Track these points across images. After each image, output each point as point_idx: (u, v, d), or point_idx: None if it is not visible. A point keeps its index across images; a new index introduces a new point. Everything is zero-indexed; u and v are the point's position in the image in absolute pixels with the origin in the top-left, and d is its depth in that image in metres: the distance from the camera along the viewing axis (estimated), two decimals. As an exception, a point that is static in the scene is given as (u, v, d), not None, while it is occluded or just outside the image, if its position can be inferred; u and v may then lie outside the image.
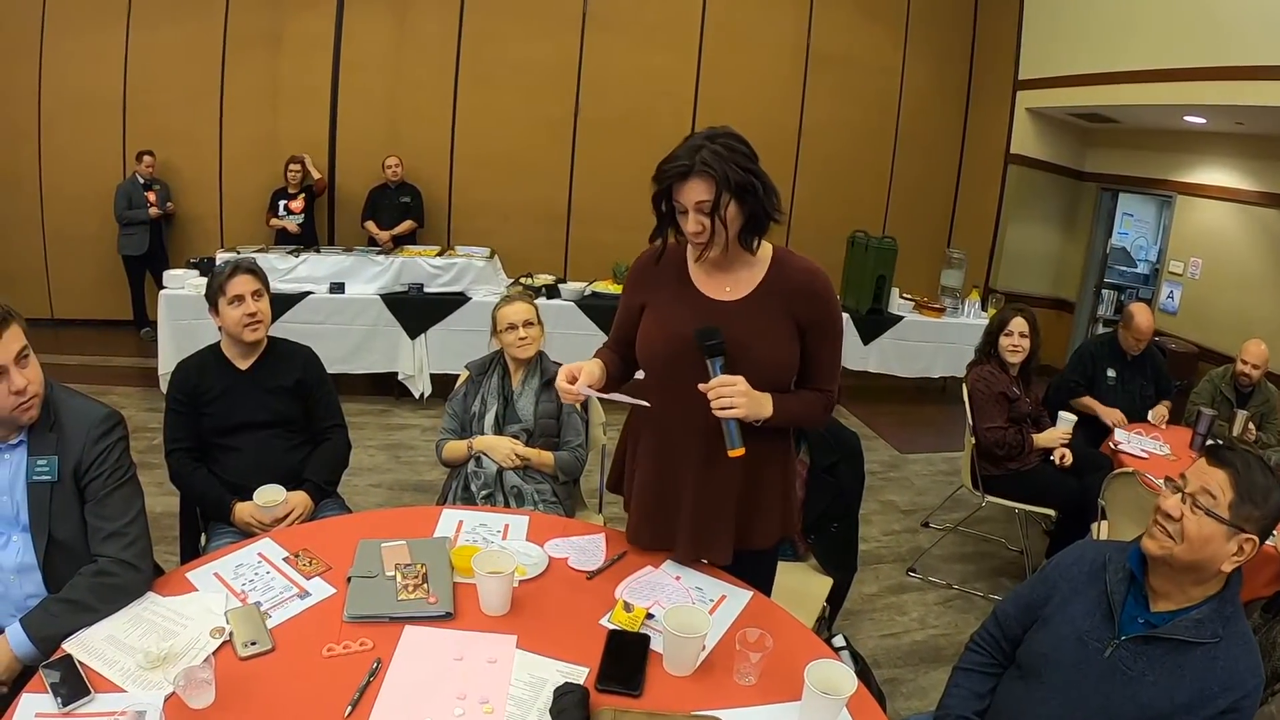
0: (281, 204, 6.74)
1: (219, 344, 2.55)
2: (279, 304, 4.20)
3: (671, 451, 1.87)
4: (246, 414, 2.48)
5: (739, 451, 1.71)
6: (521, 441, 2.72)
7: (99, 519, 1.71)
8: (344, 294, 5.45)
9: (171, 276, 5.38)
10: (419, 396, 5.64)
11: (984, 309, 6.55)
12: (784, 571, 2.16)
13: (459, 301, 5.58)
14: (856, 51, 7.93)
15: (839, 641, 2.39)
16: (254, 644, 1.53)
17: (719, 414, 1.68)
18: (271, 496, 2.32)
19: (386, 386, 5.75)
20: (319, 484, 2.50)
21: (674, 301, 1.84)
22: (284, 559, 1.86)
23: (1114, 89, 6.52)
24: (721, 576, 1.92)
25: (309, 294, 5.36)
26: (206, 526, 2.51)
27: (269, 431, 2.51)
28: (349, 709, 1.39)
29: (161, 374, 5.14)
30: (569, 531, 2.09)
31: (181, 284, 5.25)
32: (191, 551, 2.53)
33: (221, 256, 5.34)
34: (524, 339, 2.74)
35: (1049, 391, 4.47)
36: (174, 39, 6.77)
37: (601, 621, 1.70)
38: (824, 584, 2.63)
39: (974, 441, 3.67)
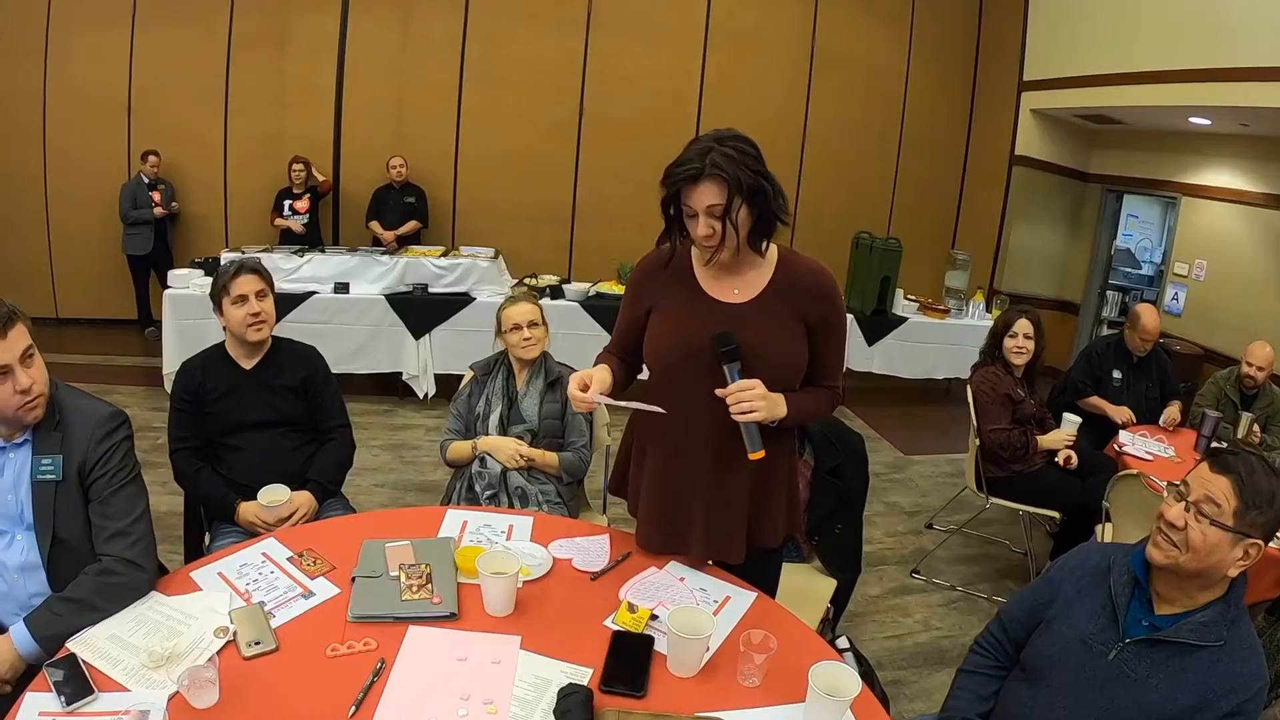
0: (286, 204, 6.75)
1: (223, 344, 2.55)
2: (283, 304, 4.20)
3: (682, 455, 1.85)
4: (251, 414, 2.48)
5: (759, 454, 1.71)
6: (526, 442, 2.72)
7: (103, 518, 1.71)
8: (348, 294, 5.46)
9: (176, 276, 5.38)
10: (423, 397, 5.64)
11: (988, 310, 6.53)
12: (788, 573, 2.16)
13: (463, 302, 5.59)
14: (861, 52, 7.93)
15: (843, 643, 2.38)
16: (258, 644, 1.53)
17: (739, 419, 1.68)
18: (276, 496, 2.33)
19: (391, 386, 5.76)
20: (323, 484, 2.51)
21: (682, 305, 1.82)
22: (288, 559, 1.86)
23: (1119, 90, 6.50)
24: (726, 578, 1.92)
25: (313, 294, 5.37)
26: (210, 526, 2.51)
27: (273, 431, 2.51)
28: (353, 709, 1.39)
29: (166, 373, 5.15)
30: (573, 532, 2.09)
31: (186, 284, 5.26)
32: (195, 551, 2.54)
33: (226, 256, 5.35)
34: (528, 339, 2.74)
35: (1054, 393, 4.47)
36: (179, 39, 6.79)
37: (606, 622, 1.70)
38: (828, 585, 2.63)
39: (978, 443, 3.67)
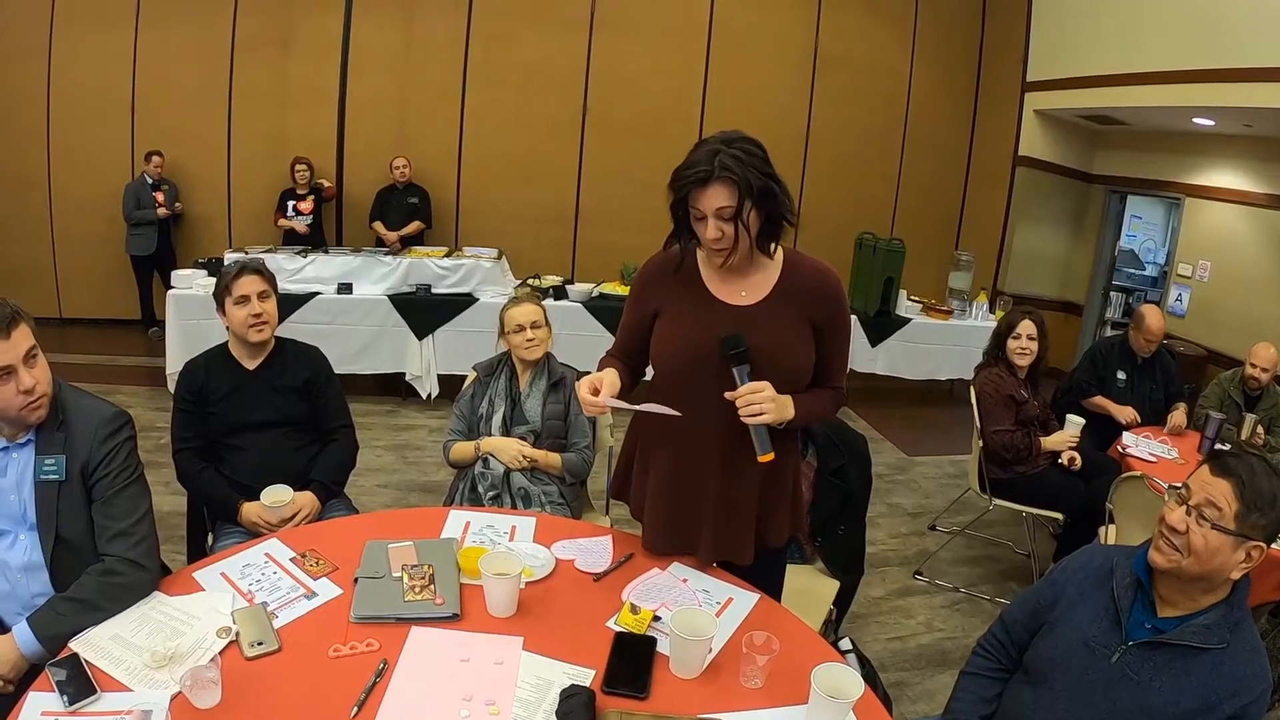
0: (290, 204, 6.76)
1: (226, 344, 2.56)
2: (287, 304, 4.22)
3: (690, 458, 1.85)
4: (254, 414, 2.48)
5: (769, 456, 1.71)
6: (529, 443, 2.72)
7: (106, 518, 1.71)
8: (352, 294, 5.47)
9: (179, 276, 5.39)
10: (426, 397, 5.64)
11: (992, 311, 6.52)
12: (791, 574, 2.16)
13: (466, 302, 5.59)
14: (864, 53, 7.92)
15: (845, 644, 2.37)
16: (260, 644, 1.54)
17: (748, 421, 1.67)
18: (278, 496, 2.33)
19: (394, 387, 5.77)
20: (326, 484, 2.51)
21: (690, 308, 1.81)
22: (291, 559, 1.86)
23: (1122, 91, 6.49)
24: (729, 579, 1.91)
25: (317, 294, 5.37)
26: (213, 526, 2.51)
27: (276, 432, 2.51)
28: (355, 709, 1.39)
29: (169, 374, 5.16)
30: (576, 533, 2.09)
31: (189, 284, 5.27)
32: (198, 551, 2.54)
33: (230, 257, 5.36)
34: (532, 340, 2.74)
35: (1057, 394, 4.46)
36: (183, 39, 6.80)
37: (608, 623, 1.70)
38: (831, 587, 2.62)
39: (981, 444, 3.66)
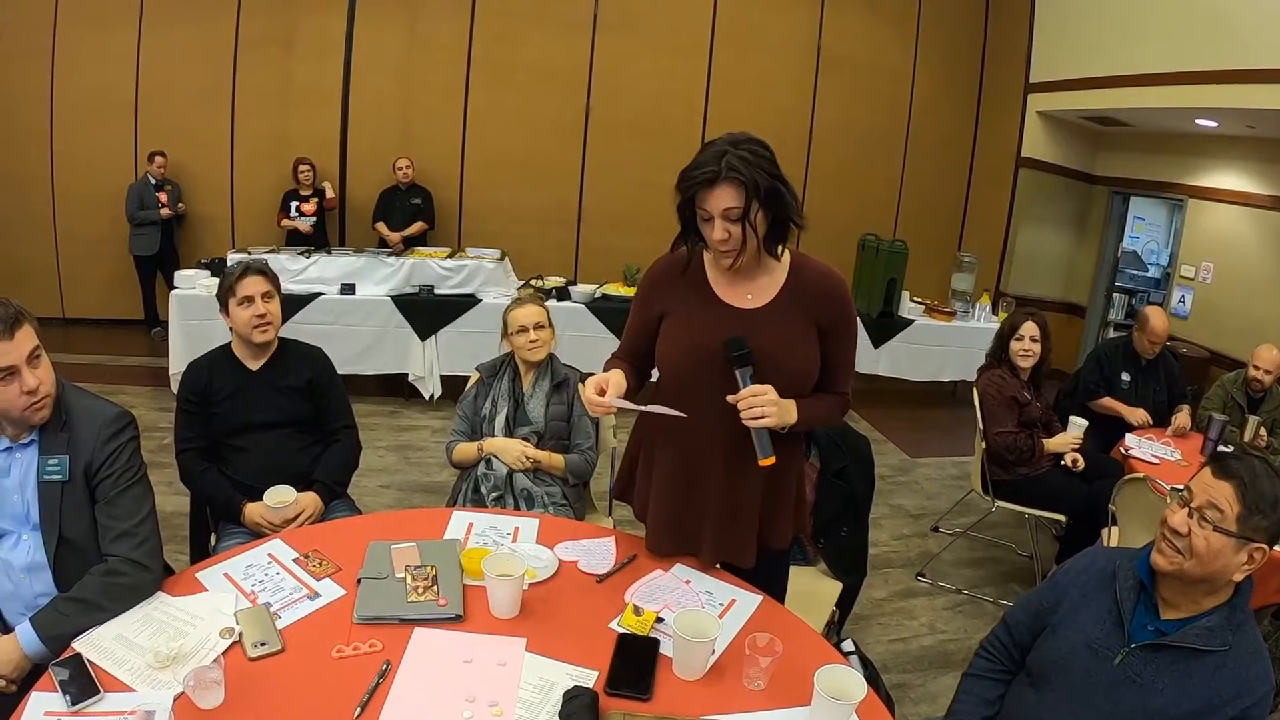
0: (293, 205, 6.77)
1: (230, 344, 2.56)
2: (290, 305, 4.20)
3: (694, 460, 1.85)
4: (257, 414, 2.49)
5: (770, 461, 1.70)
6: (532, 444, 2.72)
7: (109, 519, 1.71)
8: (355, 295, 5.47)
9: (182, 277, 5.40)
10: (429, 398, 5.65)
11: (994, 313, 6.51)
12: (794, 575, 2.16)
13: (469, 303, 5.59)
14: (867, 54, 7.91)
15: (848, 646, 2.36)
16: (263, 644, 1.54)
17: (750, 424, 1.67)
18: (281, 497, 2.34)
19: (397, 388, 5.77)
20: (329, 485, 2.51)
21: (696, 310, 1.81)
22: (294, 560, 1.87)
23: (1125, 92, 6.48)
24: (732, 581, 1.91)
25: (320, 295, 5.38)
26: (216, 527, 2.52)
27: (279, 432, 2.51)
28: (358, 710, 1.39)
29: (172, 374, 5.17)
30: (579, 534, 2.09)
31: (193, 284, 5.28)
32: (201, 552, 2.54)
33: (233, 257, 5.38)
34: (535, 341, 2.74)
35: (1060, 396, 4.45)
36: (186, 40, 6.81)
37: (611, 625, 1.70)
38: (833, 588, 2.62)
39: (984, 446, 3.66)
